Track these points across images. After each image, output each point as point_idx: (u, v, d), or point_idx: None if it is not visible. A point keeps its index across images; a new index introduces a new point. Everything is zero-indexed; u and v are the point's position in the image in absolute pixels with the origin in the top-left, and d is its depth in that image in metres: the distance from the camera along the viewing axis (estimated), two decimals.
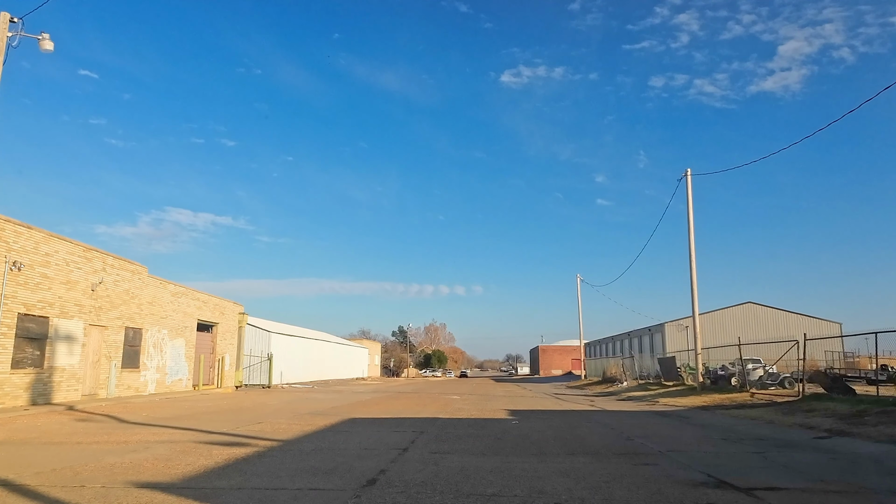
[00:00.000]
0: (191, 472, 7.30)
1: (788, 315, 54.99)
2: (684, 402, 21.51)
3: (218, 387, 30.42)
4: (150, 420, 14.28)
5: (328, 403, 22.07)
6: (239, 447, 9.46)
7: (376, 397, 27.28)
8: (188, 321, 27.64)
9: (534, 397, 28.35)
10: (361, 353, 75.76)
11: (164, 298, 25.20)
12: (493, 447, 9.78)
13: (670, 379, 31.31)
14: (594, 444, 10.38)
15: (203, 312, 29.27)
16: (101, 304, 20.59)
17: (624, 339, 69.70)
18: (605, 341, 78.18)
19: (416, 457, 8.57)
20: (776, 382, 22.15)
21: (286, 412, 17.40)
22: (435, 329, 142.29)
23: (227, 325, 32.44)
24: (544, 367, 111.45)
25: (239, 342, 34.16)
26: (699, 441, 11.20)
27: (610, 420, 15.74)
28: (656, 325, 58.42)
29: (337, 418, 15.22)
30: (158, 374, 24.62)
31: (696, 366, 24.44)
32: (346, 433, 11.79)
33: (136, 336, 23.00)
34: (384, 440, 10.61)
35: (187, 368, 27.32)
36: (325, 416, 16.04)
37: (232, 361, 33.15)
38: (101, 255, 20.84)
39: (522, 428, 13.10)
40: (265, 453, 8.89)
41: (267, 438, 10.69)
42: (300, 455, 8.76)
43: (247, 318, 35.01)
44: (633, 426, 14.05)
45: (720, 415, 17.23)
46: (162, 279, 25.24)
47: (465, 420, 15.08)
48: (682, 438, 11.68)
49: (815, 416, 14.46)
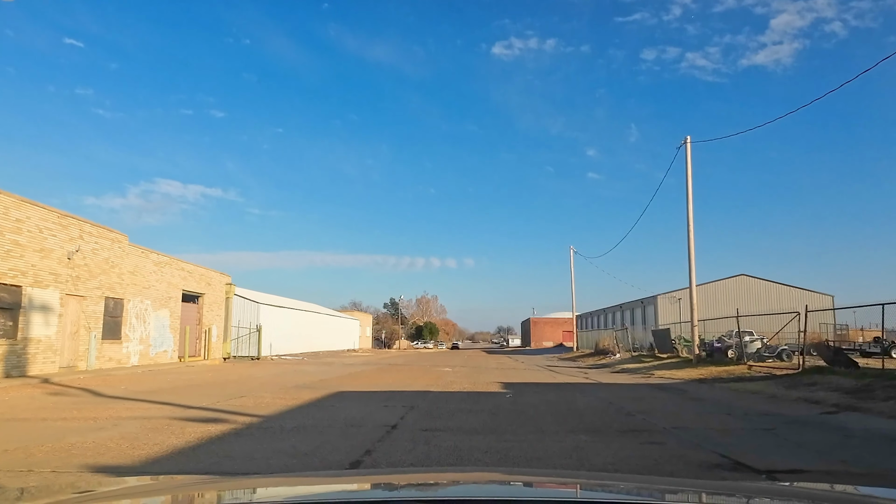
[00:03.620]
0: (156, 453, 6.65)
1: (781, 287, 54.82)
2: (680, 375, 21.11)
3: (205, 359, 29.81)
4: (128, 394, 13.63)
5: (317, 376, 21.52)
6: (215, 424, 8.82)
7: (366, 370, 26.79)
8: (173, 292, 26.86)
9: (526, 369, 27.96)
10: (353, 325, 75.39)
11: (146, 268, 24.36)
12: (488, 424, 9.20)
13: (664, 351, 30.99)
14: (594, 421, 9.83)
15: (188, 283, 28.49)
16: (79, 274, 19.76)
17: (616, 311, 69.59)
18: (596, 313, 78.14)
19: (406, 435, 7.96)
20: (773, 355, 21.78)
21: (272, 385, 16.81)
22: (426, 301, 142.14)
23: (213, 296, 31.69)
24: (535, 339, 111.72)
25: (226, 313, 33.47)
26: (703, 417, 10.69)
27: (606, 394, 15.25)
28: (649, 298, 58.21)
29: (324, 392, 14.63)
30: (142, 346, 23.93)
31: (693, 338, 24.04)
32: (332, 408, 11.19)
33: (118, 307, 22.23)
34: (372, 416, 10.01)
35: (172, 340, 26.63)
36: (312, 389, 15.45)
37: (219, 333, 32.49)
38: (78, 221, 19.93)
39: (517, 402, 12.56)
40: (242, 431, 8.25)
41: (247, 414, 10.06)
42: (280, 433, 8.13)
43: (234, 288, 34.26)
44: (632, 400, 13.55)
45: (719, 388, 16.80)
46: (144, 248, 24.37)
47: (458, 394, 14.53)
48: (685, 414, 11.17)
49: (819, 389, 14.01)
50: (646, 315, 58.11)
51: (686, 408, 12.21)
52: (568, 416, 10.44)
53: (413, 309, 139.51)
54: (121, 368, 21.29)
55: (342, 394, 14.32)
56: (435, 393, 14.67)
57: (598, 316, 77.64)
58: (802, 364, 17.75)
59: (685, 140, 25.04)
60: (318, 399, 12.83)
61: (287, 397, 13.08)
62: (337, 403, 12.05)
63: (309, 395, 13.54)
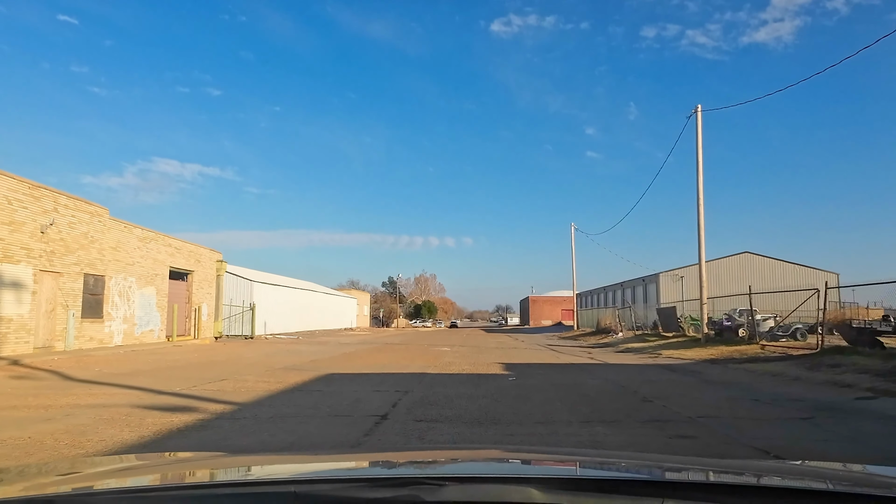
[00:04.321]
0: (97, 451, 5.59)
1: (785, 265, 53.87)
2: (689, 355, 20.15)
3: (195, 338, 28.81)
4: (99, 377, 12.59)
5: (308, 356, 20.55)
6: (181, 413, 7.77)
7: (362, 349, 25.84)
8: (159, 268, 25.74)
9: (527, 349, 27.02)
10: (350, 304, 74.48)
11: (129, 243, 23.20)
12: (490, 412, 8.17)
13: (670, 330, 30.05)
14: (608, 408, 8.80)
15: (176, 259, 27.36)
16: (55, 249, 18.61)
17: (616, 289, 68.73)
18: (596, 292, 77.29)
19: (397, 427, 6.92)
20: (787, 334, 20.79)
21: (259, 366, 15.81)
22: (425, 280, 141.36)
23: (203, 274, 30.59)
24: (534, 318, 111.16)
25: (217, 291, 32.41)
26: (728, 403, 9.66)
27: (616, 375, 14.24)
28: (650, 276, 57.28)
29: (313, 374, 13.62)
30: (126, 325, 22.88)
31: (702, 316, 23.03)
32: (319, 393, 10.16)
33: (98, 284, 21.12)
34: (361, 403, 8.97)
35: (159, 319, 25.59)
36: (301, 371, 14.44)
37: (210, 311, 31.47)
38: (52, 193, 18.73)
39: (521, 386, 11.54)
40: (209, 423, 7.20)
41: (222, 401, 9.01)
42: (253, 424, 7.09)
43: (225, 265, 33.14)
44: (644, 383, 12.54)
45: (733, 369, 15.81)
46: (127, 223, 23.19)
47: (457, 376, 13.51)
48: (706, 399, 10.15)
49: (846, 371, 13.00)
50: (647, 293, 57.23)
51: (706, 392, 11.19)
52: (579, 402, 9.42)
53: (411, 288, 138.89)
54: (102, 348, 20.27)
55: (332, 376, 13.29)
56: (432, 375, 13.66)
57: (597, 294, 76.79)
58: (821, 344, 16.74)
59: (696, 109, 23.77)
60: (305, 382, 11.81)
61: (272, 380, 12.05)
62: (325, 388, 11.02)
63: (296, 378, 12.52)
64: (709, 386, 12.26)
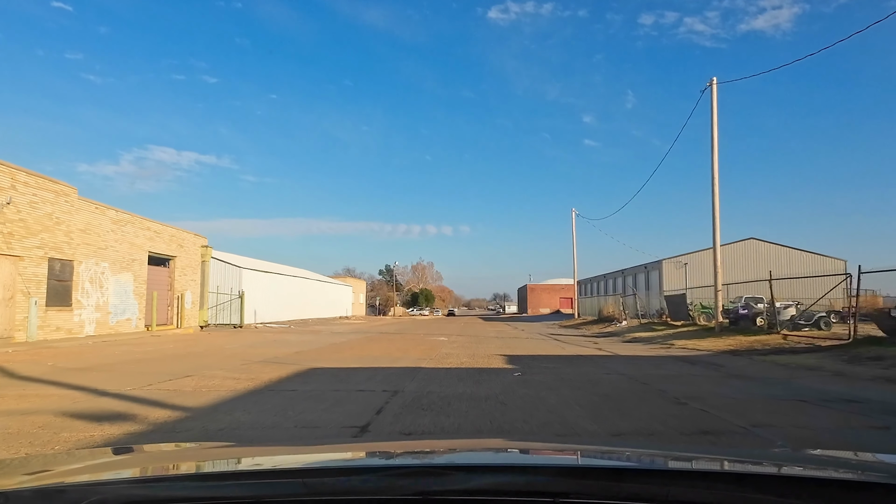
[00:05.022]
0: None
1: (791, 251, 52.50)
2: (705, 346, 18.69)
3: (178, 327, 27.27)
4: (46, 373, 11.03)
5: (295, 347, 19.06)
6: (111, 424, 6.24)
7: (354, 339, 24.36)
8: (137, 253, 24.12)
9: (529, 339, 25.55)
10: (345, 292, 72.93)
11: (102, 226, 21.55)
12: (497, 419, 6.67)
13: (678, 318, 28.60)
14: (639, 413, 7.28)
15: (156, 244, 25.72)
16: (13, 230, 16.98)
17: (617, 277, 67.34)
18: (595, 279, 75.90)
19: None
20: (810, 323, 19.31)
21: (236, 359, 14.30)
22: (422, 268, 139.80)
23: (187, 259, 28.97)
24: (532, 306, 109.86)
25: (203, 278, 30.81)
26: (776, 406, 8.14)
27: (632, 370, 12.73)
28: (653, 262, 55.88)
29: (293, 368, 12.10)
30: (99, 314, 21.30)
31: (716, 304, 21.54)
32: (291, 395, 8.62)
33: (66, 269, 19.51)
34: (339, 408, 7.45)
35: (137, 307, 24.01)
36: (281, 364, 12.92)
37: (195, 299, 29.89)
38: (9, 169, 17.07)
39: (529, 383, 10.03)
40: (139, 438, 5.66)
41: (172, 406, 7.47)
42: (195, 440, 5.55)
43: (211, 251, 31.51)
44: (666, 379, 11.05)
45: (760, 362, 14.34)
46: (99, 203, 21.52)
47: (454, 371, 12.00)
48: (747, 400, 8.64)
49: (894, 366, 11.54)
50: (649, 280, 55.83)
51: (742, 390, 9.70)
52: (600, 404, 7.90)
53: (409, 276, 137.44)
54: (71, 339, 18.70)
55: (313, 372, 11.76)
56: (427, 370, 12.14)
57: (597, 282, 75.38)
58: (853, 334, 15.29)
59: (710, 82, 22.15)
60: (281, 380, 10.28)
61: (242, 377, 10.52)
62: (301, 387, 9.48)
63: (272, 374, 10.99)
64: (741, 382, 10.77)
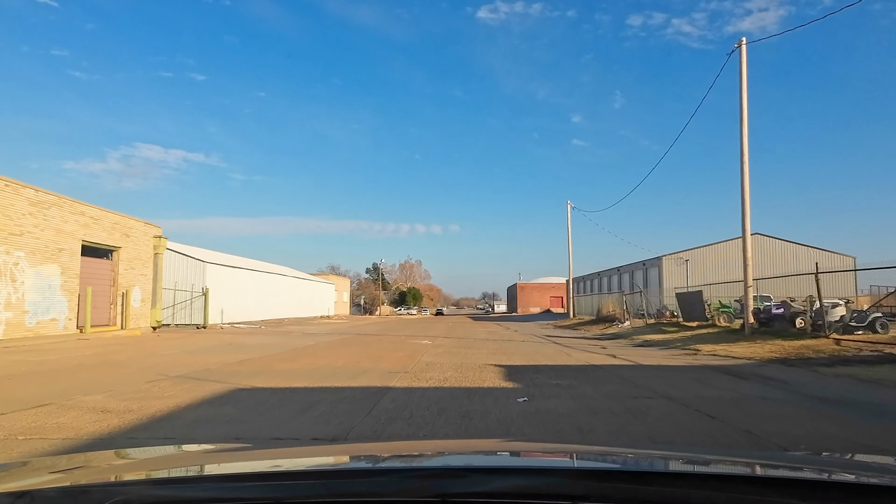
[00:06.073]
0: None
1: (798, 247, 49.81)
2: (739, 352, 15.48)
3: (122, 328, 23.71)
4: None
5: (246, 353, 15.72)
6: None
7: (324, 342, 20.99)
8: (66, 242, 20.54)
9: (525, 341, 22.28)
10: (327, 290, 69.31)
11: (14, 207, 17.98)
12: None
13: (692, 318, 25.48)
14: None
15: (92, 232, 22.14)
16: None
17: (612, 274, 64.39)
18: (589, 277, 72.91)
19: None
20: (863, 325, 16.22)
21: (151, 372, 10.92)
22: (410, 266, 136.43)
23: (135, 251, 25.38)
24: (522, 305, 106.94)
25: (155, 273, 27.21)
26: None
27: (675, 389, 9.42)
28: (652, 259, 52.95)
29: (213, 389, 8.74)
30: (11, 313, 17.73)
31: (746, 301, 18.37)
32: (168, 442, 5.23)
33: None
34: None
35: (66, 305, 20.43)
36: (202, 383, 9.55)
37: (145, 297, 26.30)
38: None
39: (543, 417, 6.71)
40: None
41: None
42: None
43: (165, 242, 27.89)
44: (735, 406, 7.79)
45: (831, 376, 11.11)
46: (10, 180, 17.93)
47: (435, 394, 8.66)
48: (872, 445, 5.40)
49: None
50: (648, 278, 52.86)
51: (857, 428, 6.43)
52: None
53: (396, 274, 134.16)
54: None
55: (234, 396, 8.37)
56: (396, 392, 8.80)
57: (590, 280, 72.40)
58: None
59: (739, 42, 19.00)
60: (171, 413, 6.88)
61: (120, 408, 7.13)
62: (188, 431, 6.10)
63: (170, 402, 7.61)
64: (842, 412, 7.51)
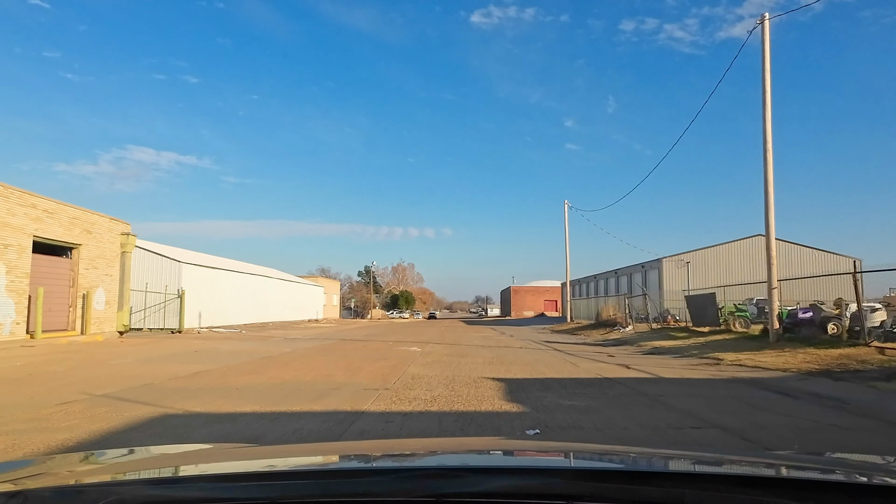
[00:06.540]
0: None
1: (803, 249, 48.18)
2: (768, 362, 13.62)
3: (82, 333, 21.60)
4: None
5: (210, 362, 13.80)
6: None
7: (303, 349, 19.03)
8: (14, 237, 18.46)
9: (524, 349, 20.35)
10: (315, 293, 67.14)
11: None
12: None
13: (703, 323, 23.67)
14: None
15: (47, 227, 20.05)
16: None
17: (609, 277, 62.63)
18: (586, 280, 71.12)
19: None
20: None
21: (77, 388, 8.97)
22: (403, 269, 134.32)
23: (98, 249, 23.29)
24: (516, 309, 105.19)
25: (122, 273, 25.11)
26: None
27: (718, 415, 7.49)
28: (651, 261, 51.23)
29: (139, 414, 6.80)
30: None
31: (771, 304, 16.53)
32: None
33: None
34: None
35: (12, 308, 18.32)
36: (133, 406, 7.61)
37: (111, 299, 24.19)
38: None
39: None
40: None
41: None
42: None
43: (134, 239, 25.79)
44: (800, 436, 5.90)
45: (892, 393, 9.25)
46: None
47: (417, 422, 6.68)
48: None
49: None
50: (647, 281, 51.06)
51: None
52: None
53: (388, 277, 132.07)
54: None
55: (156, 426, 6.39)
56: (370, 418, 6.84)
57: (587, 283, 70.64)
58: None
59: (762, 17, 17.20)
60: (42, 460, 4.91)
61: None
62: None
63: (53, 440, 5.64)
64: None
